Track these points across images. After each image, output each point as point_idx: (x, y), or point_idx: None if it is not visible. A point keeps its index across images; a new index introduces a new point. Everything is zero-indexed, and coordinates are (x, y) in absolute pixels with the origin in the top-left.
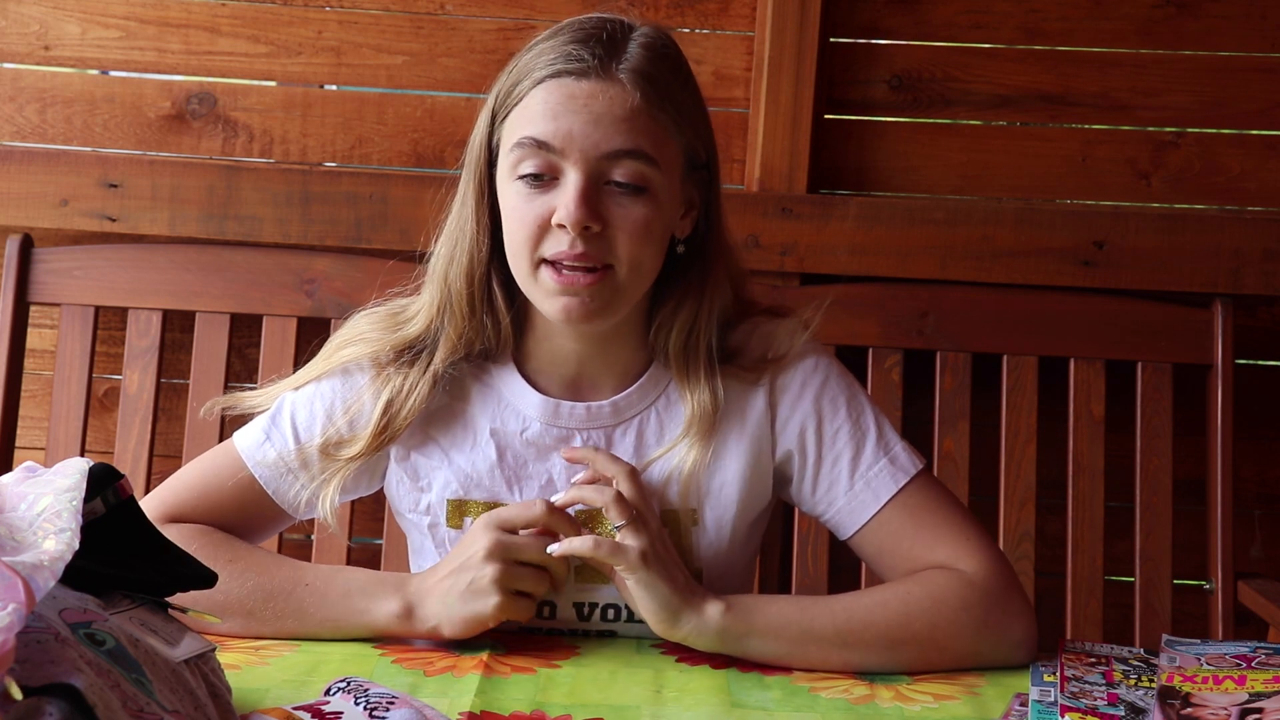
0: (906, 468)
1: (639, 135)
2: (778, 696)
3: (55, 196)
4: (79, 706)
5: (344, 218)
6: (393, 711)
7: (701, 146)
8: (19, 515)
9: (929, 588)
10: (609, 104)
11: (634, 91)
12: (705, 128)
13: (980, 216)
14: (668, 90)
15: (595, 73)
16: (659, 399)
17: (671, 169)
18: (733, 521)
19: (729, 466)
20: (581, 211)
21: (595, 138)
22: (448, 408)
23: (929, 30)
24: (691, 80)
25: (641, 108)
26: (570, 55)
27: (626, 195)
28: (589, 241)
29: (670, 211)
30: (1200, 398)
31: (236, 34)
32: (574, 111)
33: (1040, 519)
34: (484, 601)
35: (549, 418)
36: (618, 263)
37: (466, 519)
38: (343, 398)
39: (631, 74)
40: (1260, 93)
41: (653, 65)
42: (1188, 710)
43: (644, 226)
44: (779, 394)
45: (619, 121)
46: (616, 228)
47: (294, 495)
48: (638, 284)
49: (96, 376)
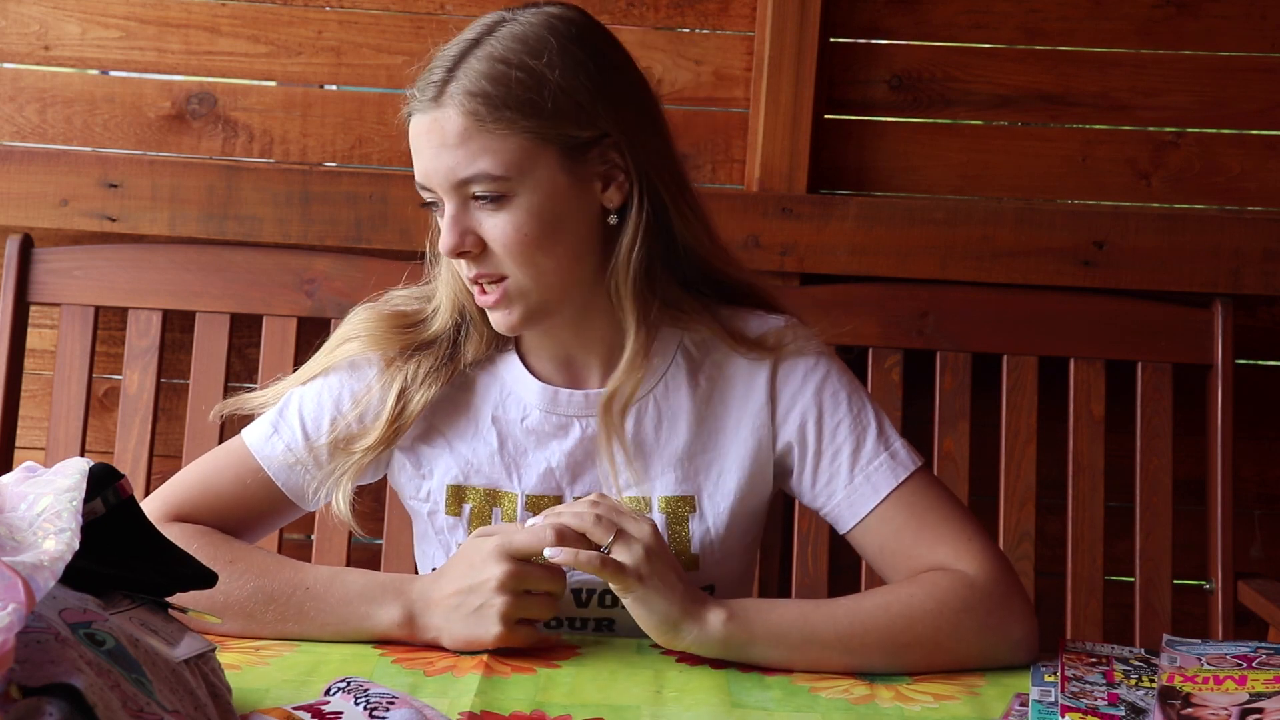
0: (906, 464)
1: (474, 156)
2: (778, 696)
3: (55, 196)
4: (79, 706)
5: (344, 218)
6: (393, 711)
7: (587, 120)
8: (19, 515)
9: (932, 590)
10: (442, 135)
11: (458, 116)
12: (594, 97)
13: (980, 216)
14: (506, 92)
15: (429, 104)
16: (657, 386)
17: (533, 165)
18: (731, 510)
19: (728, 455)
20: (449, 239)
21: (443, 169)
22: (450, 396)
23: (929, 30)
24: (570, 55)
25: (470, 128)
26: (418, 88)
27: (488, 209)
28: (477, 262)
29: (557, 203)
30: (1200, 398)
31: (236, 34)
32: (423, 148)
33: (1040, 519)
34: (488, 628)
35: (548, 405)
36: (510, 272)
37: (465, 505)
38: (351, 390)
39: (460, 96)
40: (1260, 93)
41: (487, 74)
42: (1188, 710)
43: (515, 233)
44: (780, 386)
45: (454, 149)
46: (492, 242)
47: (303, 485)
48: (545, 281)
49: (96, 376)
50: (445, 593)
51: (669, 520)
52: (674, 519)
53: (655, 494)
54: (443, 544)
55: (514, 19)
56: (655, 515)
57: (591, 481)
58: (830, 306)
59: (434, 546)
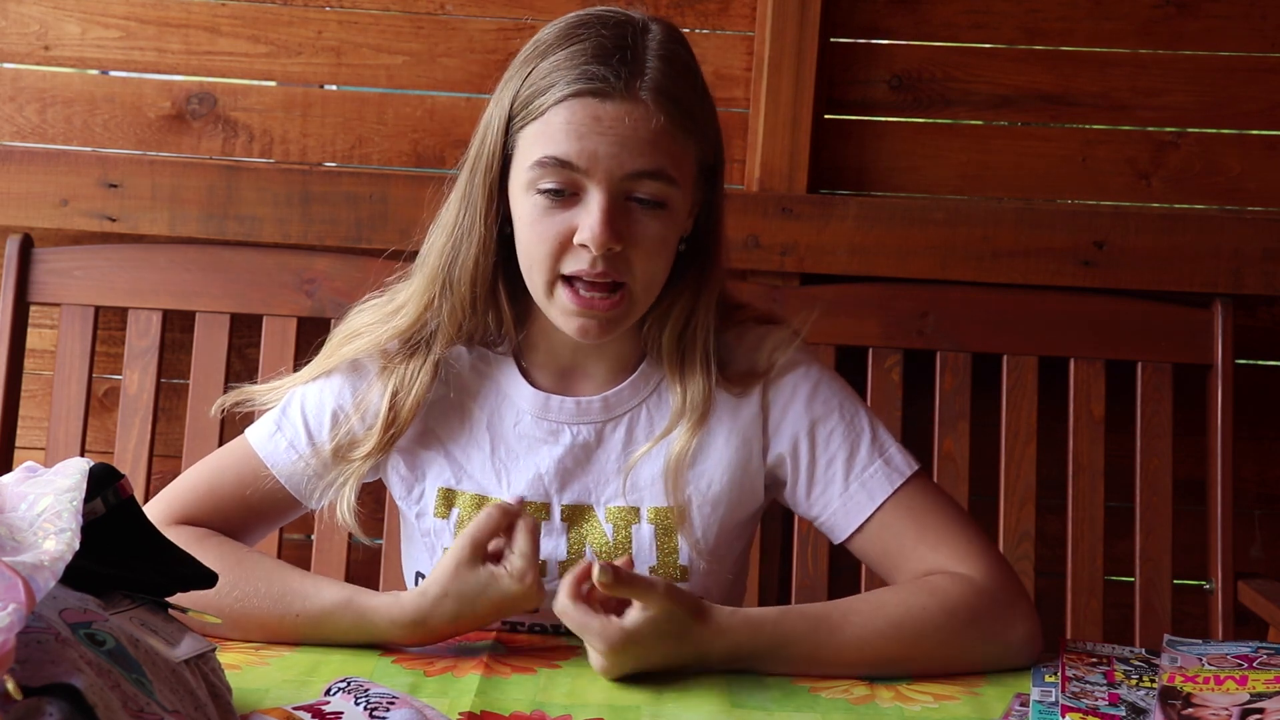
0: (902, 469)
1: (662, 156)
2: (778, 696)
3: (55, 196)
4: (79, 706)
5: (344, 218)
6: (393, 711)
7: (711, 150)
8: (19, 515)
9: (943, 600)
10: (634, 127)
11: (658, 113)
12: (715, 128)
13: (980, 216)
14: (687, 104)
15: (619, 93)
16: (650, 395)
17: (687, 180)
18: (720, 521)
19: (716, 465)
20: (606, 234)
21: (621, 158)
22: (446, 399)
23: (929, 30)
24: (701, 80)
25: (665, 128)
26: (592, 74)
27: (646, 212)
28: (609, 261)
29: (683, 220)
30: (1200, 398)
31: (236, 34)
32: (599, 133)
33: (1040, 519)
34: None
35: (539, 411)
36: (633, 280)
37: (454, 510)
38: (353, 388)
39: (654, 93)
40: (1260, 93)
41: (673, 81)
42: (1189, 710)
43: (660, 243)
44: (771, 397)
45: (644, 144)
46: (634, 246)
47: (307, 484)
48: (649, 298)
49: (96, 376)
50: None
51: (657, 532)
52: (662, 530)
53: (644, 505)
54: (428, 547)
55: (651, 24)
56: (644, 526)
57: (580, 490)
58: (830, 306)
59: (419, 549)
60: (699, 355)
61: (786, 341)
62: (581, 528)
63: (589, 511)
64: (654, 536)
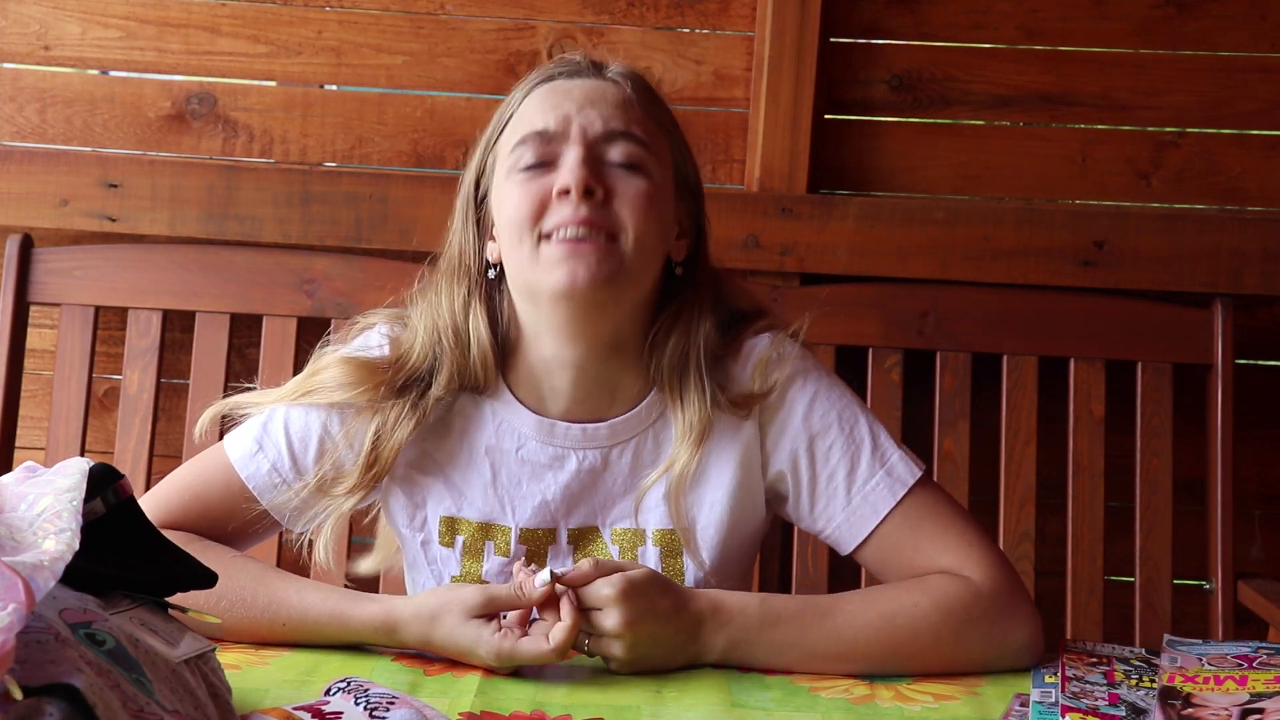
0: (904, 478)
1: (632, 121)
2: (778, 696)
3: (55, 196)
4: (79, 706)
5: (344, 218)
6: (393, 711)
7: (690, 170)
8: (19, 515)
9: (939, 599)
10: (603, 93)
11: (625, 85)
12: (690, 158)
13: (980, 216)
14: (656, 99)
15: (587, 72)
16: (656, 420)
17: (665, 167)
18: (724, 540)
19: (719, 486)
20: (583, 171)
21: (591, 117)
22: (445, 424)
23: (929, 30)
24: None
25: (635, 102)
26: (559, 64)
27: (625, 173)
28: (593, 208)
29: (666, 203)
30: (1200, 398)
31: (236, 34)
32: (570, 100)
33: (1040, 519)
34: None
35: (544, 436)
36: (623, 232)
37: (458, 537)
38: (341, 415)
39: (622, 75)
40: (1260, 93)
41: (640, 80)
42: (1189, 710)
43: (645, 197)
44: (768, 413)
45: (613, 107)
46: (618, 196)
47: (287, 507)
48: (641, 261)
49: (96, 376)
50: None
51: (663, 553)
52: (668, 551)
53: (650, 527)
54: (435, 575)
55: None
56: (649, 548)
57: (587, 514)
58: (830, 306)
59: (425, 575)
60: (693, 378)
61: (780, 358)
62: (588, 550)
63: (595, 534)
64: (660, 558)
